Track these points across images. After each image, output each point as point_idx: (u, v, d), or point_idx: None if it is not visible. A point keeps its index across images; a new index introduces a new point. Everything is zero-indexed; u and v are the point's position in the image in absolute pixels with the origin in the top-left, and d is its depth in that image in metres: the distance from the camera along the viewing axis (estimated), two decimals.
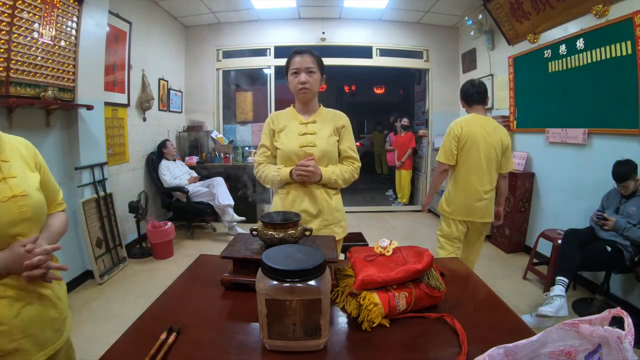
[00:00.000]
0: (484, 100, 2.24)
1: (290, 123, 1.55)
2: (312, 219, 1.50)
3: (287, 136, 1.53)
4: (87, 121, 2.86)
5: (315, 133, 1.52)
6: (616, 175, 2.29)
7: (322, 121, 1.56)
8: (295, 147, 1.49)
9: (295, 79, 1.49)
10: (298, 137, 1.51)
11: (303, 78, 1.47)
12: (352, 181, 1.59)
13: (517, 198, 3.55)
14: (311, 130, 1.52)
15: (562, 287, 2.22)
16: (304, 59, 1.48)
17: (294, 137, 1.51)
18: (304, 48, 1.53)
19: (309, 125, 1.53)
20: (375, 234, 4.18)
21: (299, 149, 1.48)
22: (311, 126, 1.53)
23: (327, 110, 1.61)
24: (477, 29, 4.19)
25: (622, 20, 2.44)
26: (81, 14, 2.70)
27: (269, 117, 1.61)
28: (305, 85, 1.47)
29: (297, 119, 1.55)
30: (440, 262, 1.21)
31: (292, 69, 1.49)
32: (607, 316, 0.54)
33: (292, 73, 1.50)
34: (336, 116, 1.60)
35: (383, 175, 8.28)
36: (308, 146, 1.49)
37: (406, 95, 8.67)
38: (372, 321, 0.81)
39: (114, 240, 3.14)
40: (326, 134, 1.53)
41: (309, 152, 1.48)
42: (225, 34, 5.04)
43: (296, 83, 1.49)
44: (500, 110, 4.13)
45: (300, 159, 1.47)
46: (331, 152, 1.53)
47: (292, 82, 1.51)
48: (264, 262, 0.71)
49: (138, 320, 0.86)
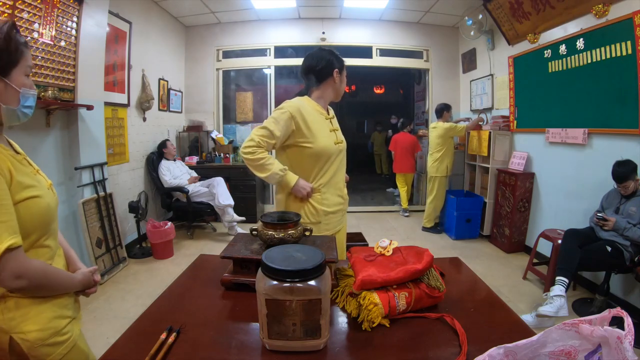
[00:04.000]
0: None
1: (318, 118, 1.49)
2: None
3: (321, 133, 1.46)
4: (87, 121, 2.86)
5: (338, 129, 1.57)
6: (616, 176, 2.29)
7: (334, 117, 1.61)
8: (332, 145, 1.48)
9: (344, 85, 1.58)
10: (330, 134, 1.50)
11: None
12: None
13: (517, 198, 3.55)
14: (335, 126, 1.56)
15: (562, 287, 2.22)
16: None
17: (327, 134, 1.49)
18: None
19: (332, 121, 1.56)
20: (375, 234, 4.18)
21: (334, 147, 1.49)
22: (333, 122, 1.57)
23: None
24: (477, 29, 4.19)
25: (622, 20, 2.44)
26: (81, 14, 2.70)
27: (291, 107, 1.42)
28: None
29: (322, 114, 1.52)
30: (440, 262, 1.21)
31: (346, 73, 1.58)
32: (607, 316, 0.54)
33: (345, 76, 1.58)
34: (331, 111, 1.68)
35: (383, 175, 8.29)
36: (339, 143, 1.52)
37: (406, 95, 8.67)
38: (372, 321, 0.81)
39: (114, 240, 3.14)
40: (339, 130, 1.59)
41: (341, 148, 1.53)
42: (225, 34, 5.04)
43: (344, 89, 1.57)
44: (500, 110, 4.13)
45: (334, 157, 1.50)
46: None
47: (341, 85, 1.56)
48: (264, 262, 0.71)
49: (138, 320, 0.86)
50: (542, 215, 3.47)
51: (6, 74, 0.78)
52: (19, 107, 0.82)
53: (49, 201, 0.85)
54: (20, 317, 0.79)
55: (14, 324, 0.78)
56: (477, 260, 3.46)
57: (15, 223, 0.75)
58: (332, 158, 1.49)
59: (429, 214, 4.39)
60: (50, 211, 0.86)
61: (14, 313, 0.79)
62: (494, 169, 3.92)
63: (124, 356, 0.74)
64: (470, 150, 4.40)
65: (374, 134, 8.55)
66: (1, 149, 0.80)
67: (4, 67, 0.78)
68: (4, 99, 0.79)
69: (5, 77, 0.78)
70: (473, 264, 2.49)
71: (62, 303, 0.88)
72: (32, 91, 0.85)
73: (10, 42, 0.77)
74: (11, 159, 0.81)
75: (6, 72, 0.78)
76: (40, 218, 0.83)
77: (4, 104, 0.79)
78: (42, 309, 0.83)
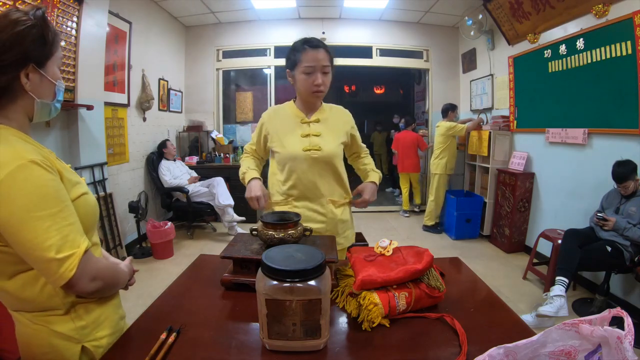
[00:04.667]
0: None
1: (290, 122, 1.38)
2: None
3: (288, 138, 1.35)
4: (87, 121, 2.86)
5: (321, 135, 1.35)
6: (616, 176, 2.29)
7: (327, 121, 1.40)
8: (298, 151, 1.32)
9: (310, 79, 1.28)
10: (301, 140, 1.34)
11: (320, 80, 1.28)
12: None
13: (517, 198, 3.55)
14: (315, 131, 1.35)
15: (562, 287, 2.22)
16: (319, 55, 1.27)
17: (295, 139, 1.34)
18: (315, 40, 1.30)
19: (313, 125, 1.37)
20: (375, 234, 4.18)
21: (302, 153, 1.32)
22: (315, 126, 1.37)
23: (329, 107, 1.45)
24: (477, 29, 4.19)
25: (622, 20, 2.43)
26: (81, 14, 2.70)
27: (265, 113, 1.44)
28: (321, 87, 1.30)
29: (299, 117, 1.38)
30: (440, 262, 1.21)
31: (305, 66, 1.27)
32: (607, 316, 0.54)
33: (305, 71, 1.28)
34: (343, 116, 1.46)
35: (383, 175, 8.27)
36: (313, 150, 1.33)
37: (406, 95, 8.67)
38: (372, 321, 0.81)
39: (114, 240, 3.14)
40: (334, 137, 1.38)
41: (314, 156, 1.32)
42: (225, 34, 5.04)
43: (310, 84, 1.28)
44: (500, 110, 4.13)
45: (304, 164, 1.33)
46: (339, 155, 1.39)
47: (303, 82, 1.30)
48: (264, 262, 0.71)
49: (138, 320, 0.86)
50: (542, 215, 3.47)
51: (42, 65, 0.72)
52: (54, 102, 0.77)
53: (94, 197, 0.82)
54: (93, 324, 0.77)
55: (86, 332, 0.76)
56: (477, 260, 3.46)
57: (80, 224, 0.71)
58: (302, 166, 1.33)
59: (430, 212, 4.40)
60: (97, 207, 0.83)
61: (85, 321, 0.76)
62: (494, 169, 3.92)
63: (124, 356, 0.74)
64: (470, 150, 4.40)
65: (374, 134, 8.54)
66: (38, 147, 0.72)
67: (40, 58, 0.71)
68: (39, 92, 0.73)
69: (41, 69, 0.72)
70: (473, 264, 2.48)
71: (118, 303, 0.88)
72: (63, 84, 0.80)
73: (48, 31, 0.72)
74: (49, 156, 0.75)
75: (42, 63, 0.72)
76: (93, 215, 0.80)
77: (38, 97, 0.73)
78: (108, 312, 0.81)
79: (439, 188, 4.34)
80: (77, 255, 0.66)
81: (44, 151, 0.73)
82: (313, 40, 1.29)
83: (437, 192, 4.34)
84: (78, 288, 0.68)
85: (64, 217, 0.67)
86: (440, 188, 4.34)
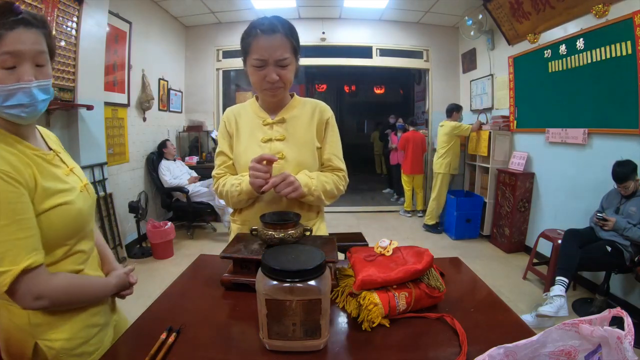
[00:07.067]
0: None
1: (250, 124, 1.12)
2: None
3: (245, 144, 1.11)
4: (87, 121, 2.86)
5: (285, 138, 1.09)
6: (616, 176, 2.29)
7: (294, 120, 1.12)
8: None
9: (260, 73, 1.01)
10: (260, 145, 1.09)
11: (273, 76, 1.00)
12: (335, 196, 1.15)
13: (517, 198, 3.55)
14: (279, 135, 1.10)
15: (562, 287, 2.22)
16: (273, 42, 0.98)
17: (254, 145, 1.09)
18: (272, 21, 1.01)
19: (276, 127, 1.10)
20: (375, 234, 4.18)
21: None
22: (278, 128, 1.10)
23: (303, 102, 1.16)
24: (477, 29, 4.19)
25: (622, 20, 2.44)
26: (81, 14, 2.70)
27: (225, 114, 1.17)
28: (276, 84, 1.02)
29: (260, 118, 1.12)
30: (440, 262, 1.21)
31: (255, 59, 0.99)
32: (607, 316, 0.54)
33: (254, 64, 1.00)
34: (317, 109, 1.15)
35: (383, 175, 8.28)
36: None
37: (406, 95, 8.68)
38: (372, 321, 0.81)
39: (114, 240, 3.14)
40: (301, 139, 1.11)
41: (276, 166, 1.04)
42: (225, 34, 5.04)
43: (261, 80, 1.02)
44: (500, 110, 4.13)
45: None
46: (309, 163, 1.10)
47: (254, 76, 1.03)
48: (264, 262, 0.71)
49: (138, 320, 0.86)
50: (542, 215, 3.47)
51: None
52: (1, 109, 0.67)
53: (80, 206, 0.78)
54: (48, 325, 0.75)
55: (40, 330, 0.74)
56: (477, 260, 3.46)
57: (36, 239, 0.68)
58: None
59: (431, 211, 4.40)
60: (82, 216, 0.79)
61: (41, 319, 0.74)
62: (494, 169, 3.92)
63: (124, 356, 0.74)
64: (470, 150, 4.40)
65: (374, 134, 8.55)
66: (28, 148, 0.71)
67: None
68: None
69: None
70: (473, 264, 2.48)
71: (93, 311, 0.84)
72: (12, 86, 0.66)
73: None
74: (37, 160, 0.73)
75: None
76: (72, 225, 0.77)
77: None
78: (71, 317, 0.78)
79: (441, 187, 4.33)
80: (10, 274, 0.64)
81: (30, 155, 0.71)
82: (267, 22, 1.00)
83: (440, 191, 4.33)
84: (20, 304, 0.68)
85: (10, 232, 0.64)
86: (443, 187, 4.34)
